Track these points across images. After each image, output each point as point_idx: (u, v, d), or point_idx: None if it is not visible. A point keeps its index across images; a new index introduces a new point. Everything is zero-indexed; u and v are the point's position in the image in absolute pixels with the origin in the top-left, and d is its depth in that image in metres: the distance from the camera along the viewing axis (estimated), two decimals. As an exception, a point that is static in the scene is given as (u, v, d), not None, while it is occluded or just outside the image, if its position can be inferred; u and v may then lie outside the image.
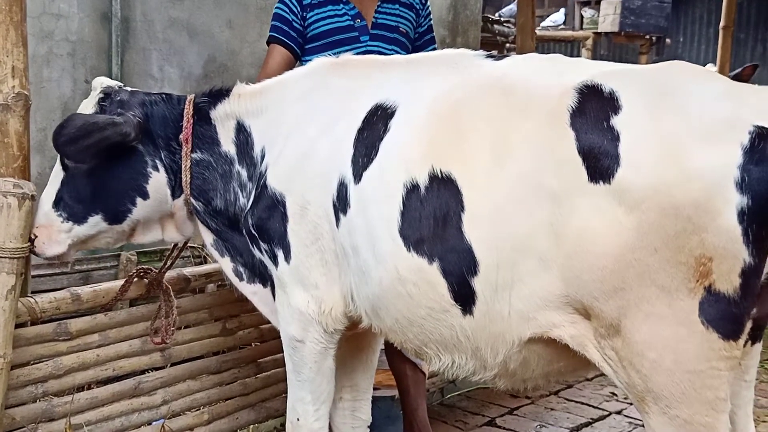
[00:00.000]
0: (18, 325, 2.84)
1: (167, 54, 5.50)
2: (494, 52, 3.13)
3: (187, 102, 2.91)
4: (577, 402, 4.53)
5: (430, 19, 3.89)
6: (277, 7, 3.70)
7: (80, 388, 3.14)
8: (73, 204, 2.84)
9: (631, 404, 4.39)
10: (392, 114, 2.50)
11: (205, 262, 3.95)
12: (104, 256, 4.27)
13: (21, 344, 2.90)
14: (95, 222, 2.87)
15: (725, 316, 2.01)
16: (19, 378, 2.92)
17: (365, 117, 2.54)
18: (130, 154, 2.83)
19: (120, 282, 3.21)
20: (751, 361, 2.29)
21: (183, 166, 2.86)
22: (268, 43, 3.72)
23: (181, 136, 2.85)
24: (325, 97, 2.72)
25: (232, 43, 5.80)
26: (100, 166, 2.81)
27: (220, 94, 2.93)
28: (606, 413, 4.40)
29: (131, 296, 3.24)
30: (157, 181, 2.87)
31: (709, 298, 2.01)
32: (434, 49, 3.84)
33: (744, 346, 2.09)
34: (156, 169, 2.86)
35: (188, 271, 3.50)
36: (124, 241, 3.01)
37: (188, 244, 4.03)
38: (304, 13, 3.65)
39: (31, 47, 2.85)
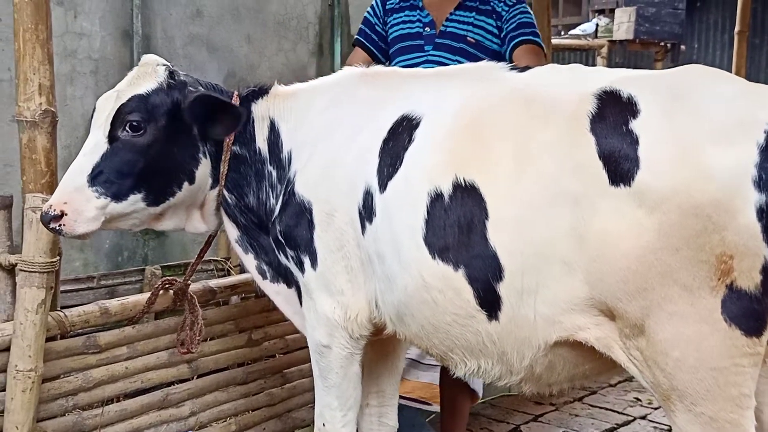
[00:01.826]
0: (48, 339, 2.88)
1: (187, 70, 5.52)
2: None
3: (234, 95, 2.94)
4: (601, 408, 4.53)
5: (523, 17, 3.57)
6: (366, 11, 3.77)
7: (109, 401, 3.17)
8: (115, 179, 2.69)
9: (655, 409, 4.39)
10: (417, 125, 2.54)
11: (229, 275, 3.98)
12: (129, 270, 4.32)
13: (51, 358, 2.94)
14: (134, 201, 2.74)
15: (747, 312, 2.03)
16: (50, 391, 2.96)
17: (391, 127, 2.59)
18: (187, 136, 2.81)
19: (147, 295, 3.25)
20: None
21: (223, 157, 2.86)
22: (353, 44, 3.78)
23: None
24: (353, 107, 2.77)
25: (250, 57, 5.87)
26: (158, 143, 2.73)
27: (261, 92, 2.97)
28: (630, 418, 4.39)
29: (158, 309, 3.27)
30: (205, 168, 2.86)
31: (731, 295, 2.03)
32: (531, 41, 3.53)
33: (768, 343, 2.11)
34: (205, 155, 2.85)
35: (213, 283, 3.54)
36: (147, 225, 2.92)
37: (212, 257, 4.09)
38: (386, 18, 3.68)
39: (54, 66, 2.90)
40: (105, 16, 5.15)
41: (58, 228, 2.65)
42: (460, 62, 3.50)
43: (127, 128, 2.71)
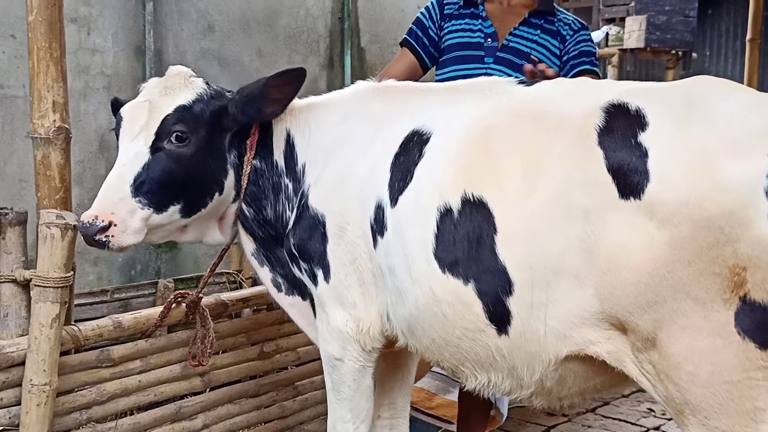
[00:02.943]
0: (62, 353, 2.90)
1: (199, 84, 5.60)
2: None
3: None
4: (614, 419, 4.51)
5: (585, 45, 3.55)
6: (420, 12, 3.67)
7: (123, 414, 3.19)
8: (157, 190, 2.67)
9: (668, 420, 4.37)
10: (427, 140, 2.55)
11: (242, 287, 4.00)
12: (142, 284, 4.34)
13: (66, 371, 2.96)
14: (172, 212, 2.74)
15: (761, 325, 2.02)
16: (64, 405, 2.98)
17: (402, 142, 2.61)
18: (220, 146, 2.83)
19: (159, 309, 3.27)
20: None
21: (243, 171, 2.87)
22: (401, 44, 3.70)
23: (247, 141, 2.88)
24: (365, 122, 2.78)
25: (262, 71, 5.89)
26: (199, 154, 2.75)
27: None
28: (644, 429, 4.38)
29: (170, 322, 3.29)
30: (230, 179, 2.87)
31: (745, 307, 2.02)
32: (592, 70, 3.49)
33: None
34: (231, 167, 2.87)
35: (225, 296, 3.56)
36: (171, 237, 2.91)
37: (224, 270, 4.10)
38: (442, 23, 3.58)
39: (68, 82, 2.92)
40: (118, 33, 5.19)
41: (104, 240, 2.61)
42: None
43: (172, 139, 2.71)
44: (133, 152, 2.70)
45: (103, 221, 2.59)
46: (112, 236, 2.61)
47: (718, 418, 2.07)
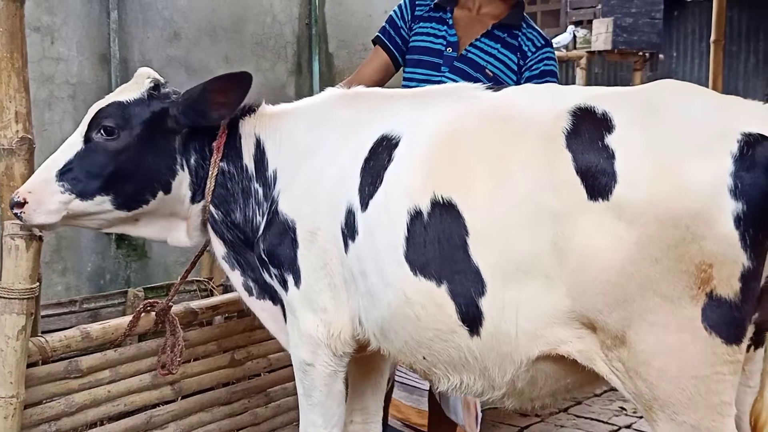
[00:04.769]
0: (30, 365, 2.87)
1: (166, 92, 5.57)
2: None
3: None
4: (586, 418, 4.54)
5: (547, 65, 3.56)
6: (393, 10, 3.69)
7: (92, 425, 3.15)
8: (83, 178, 2.77)
9: (640, 418, 4.40)
10: (396, 144, 2.56)
11: (212, 295, 3.98)
12: (112, 293, 4.30)
13: (33, 383, 2.92)
14: (100, 201, 2.81)
15: (727, 320, 2.05)
16: (32, 417, 2.94)
17: (372, 147, 2.61)
18: (166, 146, 2.85)
19: (128, 318, 3.23)
20: (754, 367, 2.31)
21: (210, 173, 2.88)
22: (373, 42, 3.70)
23: (214, 144, 2.89)
24: (335, 128, 2.79)
25: (229, 78, 5.88)
26: (130, 150, 2.80)
27: (249, 110, 2.98)
28: (616, 428, 4.41)
29: (140, 331, 3.25)
30: (182, 180, 2.88)
31: (711, 303, 2.05)
32: None
33: (747, 351, 2.13)
34: (182, 168, 2.88)
35: (195, 304, 3.53)
36: (120, 229, 2.97)
37: (195, 278, 4.08)
38: (412, 24, 3.61)
39: (32, 91, 2.91)
40: (82, 41, 5.15)
41: (18, 214, 2.73)
42: None
43: (101, 131, 2.79)
44: (71, 141, 2.83)
45: (18, 198, 2.73)
46: (23, 213, 2.73)
47: (686, 412, 2.09)
